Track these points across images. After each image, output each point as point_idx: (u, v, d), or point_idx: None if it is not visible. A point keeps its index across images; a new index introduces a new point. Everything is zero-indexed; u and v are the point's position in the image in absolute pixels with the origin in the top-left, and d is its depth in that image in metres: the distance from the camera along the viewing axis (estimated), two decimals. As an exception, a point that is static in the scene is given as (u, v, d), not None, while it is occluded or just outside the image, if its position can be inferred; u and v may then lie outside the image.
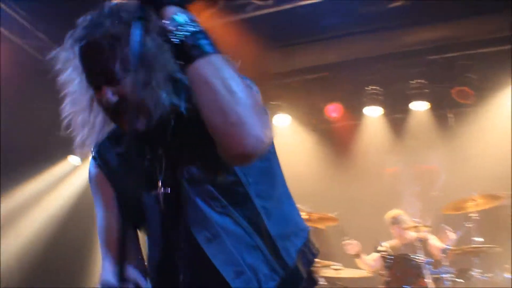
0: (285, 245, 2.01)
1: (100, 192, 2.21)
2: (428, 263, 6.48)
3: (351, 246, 7.24)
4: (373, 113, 9.34)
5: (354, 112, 9.62)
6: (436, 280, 6.48)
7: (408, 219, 7.62)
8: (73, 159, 10.26)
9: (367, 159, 9.59)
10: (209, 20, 7.44)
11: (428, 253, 7.03)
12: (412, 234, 7.48)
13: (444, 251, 6.62)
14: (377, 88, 9.07)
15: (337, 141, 9.96)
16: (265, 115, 1.73)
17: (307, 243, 2.11)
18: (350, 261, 7.42)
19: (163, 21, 1.75)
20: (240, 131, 1.63)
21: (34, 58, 8.44)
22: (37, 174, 9.83)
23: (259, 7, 7.44)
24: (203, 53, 1.70)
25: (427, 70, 8.83)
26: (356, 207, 8.97)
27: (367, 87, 9.12)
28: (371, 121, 9.57)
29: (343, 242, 7.29)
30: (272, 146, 2.03)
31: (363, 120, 9.68)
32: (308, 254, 2.11)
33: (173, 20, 1.73)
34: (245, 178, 1.93)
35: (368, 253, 7.47)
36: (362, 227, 8.21)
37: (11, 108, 8.31)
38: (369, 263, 7.38)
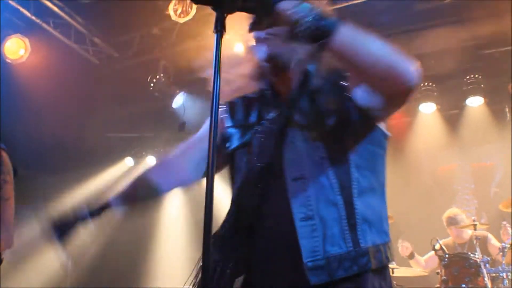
0: (363, 228, 2.06)
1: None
2: (485, 261, 6.40)
3: (403, 248, 7.20)
4: (427, 109, 9.24)
5: (408, 108, 9.53)
6: (494, 279, 6.40)
7: (465, 218, 7.51)
8: (129, 161, 10.59)
9: (422, 157, 9.51)
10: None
11: (486, 252, 6.93)
12: (468, 233, 7.38)
13: (502, 249, 6.51)
14: (431, 84, 8.98)
15: (391, 139, 9.87)
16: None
17: (385, 245, 2.14)
18: (405, 260, 7.39)
19: (286, 14, 1.89)
20: (398, 70, 1.89)
21: (90, 62, 8.68)
22: (97, 174, 10.11)
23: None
24: (336, 27, 1.85)
25: (482, 65, 8.69)
26: (411, 205, 8.91)
27: (421, 83, 9.03)
28: (425, 117, 9.46)
29: (398, 244, 7.26)
30: (384, 146, 2.28)
31: (417, 117, 9.57)
32: (383, 254, 2.11)
33: (296, 11, 1.87)
34: (352, 139, 2.11)
35: (423, 253, 7.42)
36: (417, 225, 8.16)
37: (71, 110, 8.56)
38: (422, 264, 7.33)
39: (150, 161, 10.74)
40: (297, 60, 2.15)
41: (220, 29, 1.82)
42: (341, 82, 2.14)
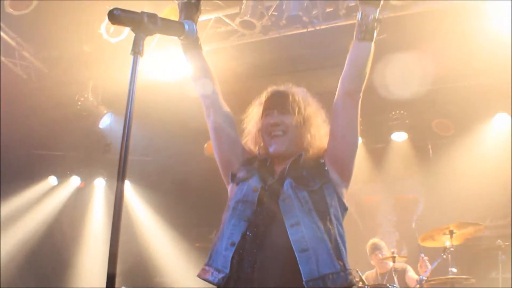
0: (345, 257, 2.85)
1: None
2: (403, 293, 6.53)
3: None
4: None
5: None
6: (411, 311, 6.53)
7: (386, 246, 7.67)
8: (52, 180, 10.40)
9: (346, 189, 9.63)
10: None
11: (404, 284, 7.07)
12: (390, 264, 7.50)
13: (420, 281, 6.65)
14: (358, 118, 9.11)
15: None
16: None
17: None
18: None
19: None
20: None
21: (18, 76, 8.49)
22: (19, 192, 9.92)
23: (245, 36, 7.58)
24: (372, 39, 2.95)
25: (407, 102, 8.90)
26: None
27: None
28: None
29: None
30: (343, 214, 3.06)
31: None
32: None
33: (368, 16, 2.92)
34: (329, 199, 2.92)
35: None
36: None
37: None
38: None
39: (74, 181, 10.58)
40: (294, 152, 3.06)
41: (137, 50, 1.82)
42: (321, 161, 3.02)
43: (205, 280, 2.91)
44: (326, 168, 3.01)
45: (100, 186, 10.85)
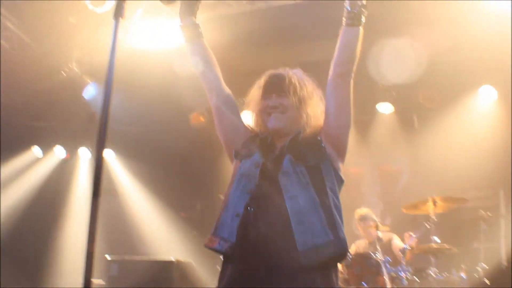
0: (340, 226, 3.03)
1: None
2: (386, 261, 6.61)
3: None
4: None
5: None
6: (394, 279, 6.63)
7: (374, 217, 7.76)
8: (36, 151, 10.34)
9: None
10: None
11: (390, 253, 7.18)
12: (378, 233, 7.61)
13: (403, 250, 6.76)
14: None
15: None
16: None
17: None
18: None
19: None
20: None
21: (1, 47, 8.39)
22: (3, 164, 9.83)
23: (232, 6, 7.53)
24: (360, 24, 3.14)
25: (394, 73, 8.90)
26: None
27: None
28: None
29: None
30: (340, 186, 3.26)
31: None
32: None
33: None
34: (326, 174, 3.12)
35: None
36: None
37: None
38: None
39: (58, 151, 10.52)
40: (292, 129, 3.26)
41: (119, 13, 1.82)
42: (318, 138, 3.21)
43: (212, 249, 3.15)
44: (323, 145, 3.22)
45: (85, 157, 10.82)
